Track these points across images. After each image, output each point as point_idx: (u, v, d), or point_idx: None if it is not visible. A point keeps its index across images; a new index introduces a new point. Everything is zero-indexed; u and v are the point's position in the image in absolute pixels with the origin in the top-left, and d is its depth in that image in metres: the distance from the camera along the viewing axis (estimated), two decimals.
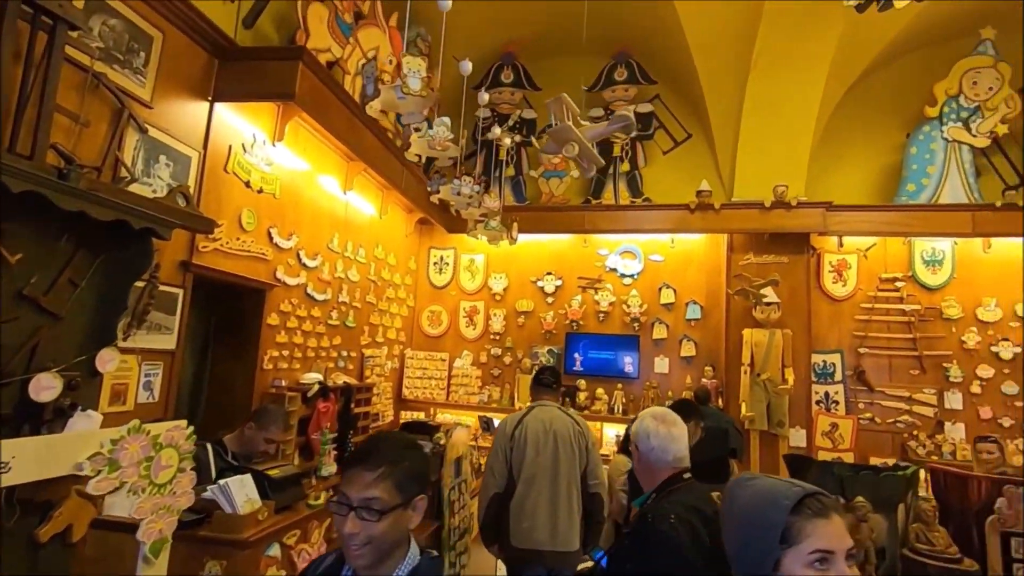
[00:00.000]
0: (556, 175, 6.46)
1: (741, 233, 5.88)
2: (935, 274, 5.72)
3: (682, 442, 1.64)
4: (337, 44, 3.97)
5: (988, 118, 5.46)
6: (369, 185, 5.30)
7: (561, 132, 3.13)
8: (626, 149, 6.33)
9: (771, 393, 5.45)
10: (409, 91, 1.92)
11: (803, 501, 0.91)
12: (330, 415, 4.33)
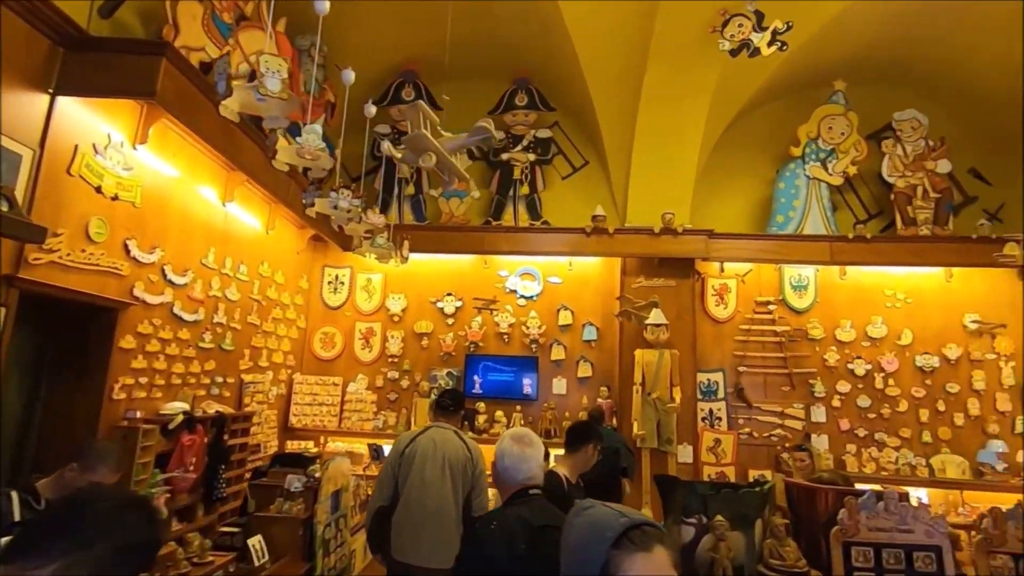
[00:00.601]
0: (456, 195, 6.41)
1: (633, 257, 6.13)
2: (801, 298, 6.27)
3: (533, 462, 1.69)
4: (214, 44, 3.68)
5: (841, 159, 6.14)
6: (253, 197, 4.95)
7: (417, 141, 3.03)
8: (526, 172, 6.43)
9: (660, 411, 5.65)
10: (267, 93, 1.77)
11: (626, 534, 0.87)
12: (196, 449, 3.89)
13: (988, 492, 5.45)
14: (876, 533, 1.64)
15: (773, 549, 1.69)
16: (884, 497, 1.70)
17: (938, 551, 1.65)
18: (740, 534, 1.68)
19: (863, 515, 1.64)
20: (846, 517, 1.64)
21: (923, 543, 1.65)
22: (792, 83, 6.31)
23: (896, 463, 5.73)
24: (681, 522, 1.74)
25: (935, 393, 5.90)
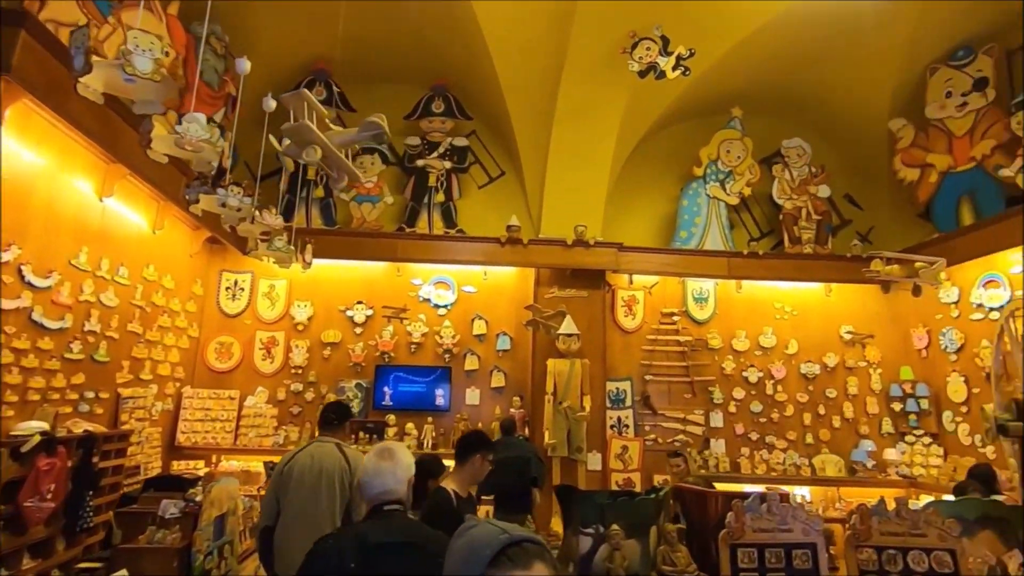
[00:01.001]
0: (369, 200, 6.21)
1: (547, 268, 6.21)
2: (702, 310, 6.63)
3: (389, 477, 1.63)
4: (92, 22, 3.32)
5: (738, 181, 6.59)
6: (138, 193, 4.52)
7: (299, 132, 2.81)
8: (442, 180, 6.35)
9: (571, 420, 5.73)
10: (136, 73, 1.58)
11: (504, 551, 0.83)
12: (56, 474, 3.43)
13: (860, 488, 5.99)
14: (760, 534, 1.71)
15: (665, 555, 1.72)
16: (767, 499, 1.78)
17: (813, 548, 1.75)
18: (635, 542, 1.70)
19: (748, 517, 1.71)
20: (733, 520, 1.70)
21: (800, 541, 1.74)
22: (696, 107, 6.71)
23: (783, 464, 6.16)
24: (579, 532, 1.73)
25: (816, 398, 6.43)
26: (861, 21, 5.39)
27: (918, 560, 1.78)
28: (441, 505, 2.33)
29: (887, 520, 1.79)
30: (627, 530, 1.70)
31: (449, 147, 6.42)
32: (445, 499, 2.38)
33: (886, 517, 1.80)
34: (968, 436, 5.65)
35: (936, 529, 1.81)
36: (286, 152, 2.81)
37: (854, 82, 6.24)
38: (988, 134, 5.45)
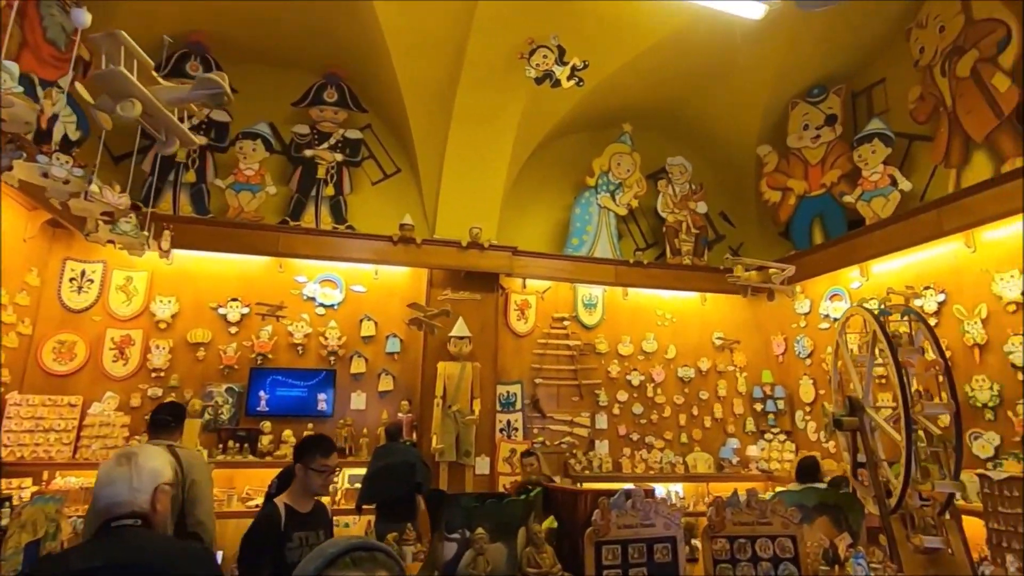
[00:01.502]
0: (248, 188, 5.74)
1: (441, 269, 6.10)
2: (591, 315, 6.85)
3: (121, 485, 1.38)
4: None
5: (626, 193, 6.91)
6: None
7: (112, 80, 2.30)
8: (332, 172, 6.03)
9: (460, 424, 5.65)
10: None
11: (351, 554, 0.77)
12: None
13: (727, 483, 6.46)
14: (624, 530, 1.74)
15: (531, 556, 1.70)
16: (632, 495, 1.82)
17: (674, 541, 1.81)
18: (502, 545, 1.66)
19: (614, 514, 1.74)
20: (599, 517, 1.72)
21: (662, 535, 1.79)
22: (590, 119, 6.95)
23: (660, 462, 6.51)
24: (444, 538, 1.66)
25: (691, 400, 6.87)
26: (737, 54, 5.87)
27: (764, 547, 1.90)
28: (259, 523, 2.12)
29: (739, 511, 1.91)
30: (495, 533, 1.65)
31: (341, 139, 6.12)
32: (265, 516, 2.16)
33: (738, 508, 1.91)
34: (815, 433, 6.32)
35: (780, 517, 1.95)
36: (99, 106, 2.34)
37: (730, 108, 6.80)
38: (835, 164, 6.16)
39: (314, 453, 2.29)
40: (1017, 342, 4.43)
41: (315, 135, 6.06)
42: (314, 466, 2.26)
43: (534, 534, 1.73)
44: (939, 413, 2.49)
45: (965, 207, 4.66)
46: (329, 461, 2.30)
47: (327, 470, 2.29)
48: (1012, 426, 4.42)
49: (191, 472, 2.81)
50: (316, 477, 2.27)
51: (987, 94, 4.60)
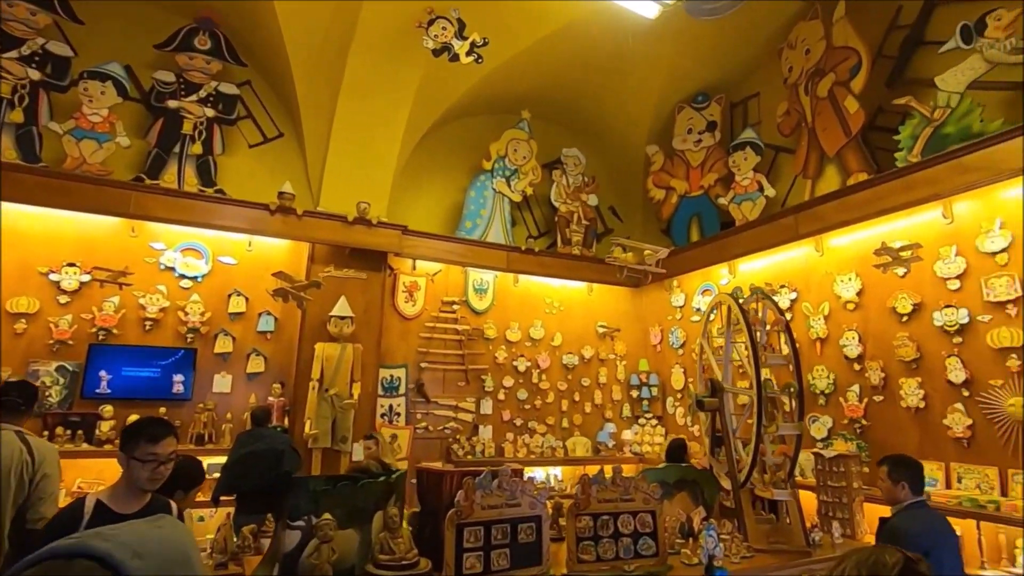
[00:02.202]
0: (93, 137, 4.97)
1: (324, 244, 5.72)
2: (481, 300, 6.80)
3: None
4: None
5: (522, 180, 6.92)
6: None
7: None
8: (200, 128, 5.40)
9: (337, 408, 5.35)
10: None
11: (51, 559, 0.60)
12: None
13: (602, 464, 6.75)
14: (488, 511, 1.67)
15: (384, 542, 1.57)
16: (499, 475, 1.75)
17: (538, 520, 1.78)
18: (354, 531, 1.52)
19: (479, 494, 1.66)
20: (463, 498, 1.63)
21: (527, 515, 1.75)
22: (490, 102, 6.86)
23: (541, 447, 6.64)
24: (287, 526, 1.48)
25: (573, 386, 7.08)
26: (631, 54, 6.07)
27: (626, 523, 1.93)
28: (52, 523, 1.80)
29: (604, 488, 1.92)
30: (347, 519, 1.51)
31: (214, 92, 5.50)
32: (61, 515, 1.84)
33: (604, 485, 1.93)
34: (682, 417, 6.78)
35: (643, 493, 1.99)
36: None
37: (623, 106, 7.04)
38: (713, 168, 6.60)
39: (138, 439, 1.92)
40: (851, 337, 5.01)
41: (181, 85, 5.39)
42: (138, 455, 1.89)
43: (390, 518, 1.61)
44: (780, 364, 2.73)
45: (817, 214, 5.17)
46: (158, 449, 1.92)
47: (155, 460, 1.91)
48: (843, 410, 5.01)
49: (43, 465, 2.47)
50: (142, 469, 1.90)
51: (840, 114, 5.13)
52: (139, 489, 1.94)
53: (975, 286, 4.24)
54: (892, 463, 3.01)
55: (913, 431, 4.53)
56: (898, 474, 2.93)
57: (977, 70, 4.20)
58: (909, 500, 2.90)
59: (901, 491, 2.90)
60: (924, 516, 2.87)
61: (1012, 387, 3.97)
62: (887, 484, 2.95)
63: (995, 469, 4.00)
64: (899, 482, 2.92)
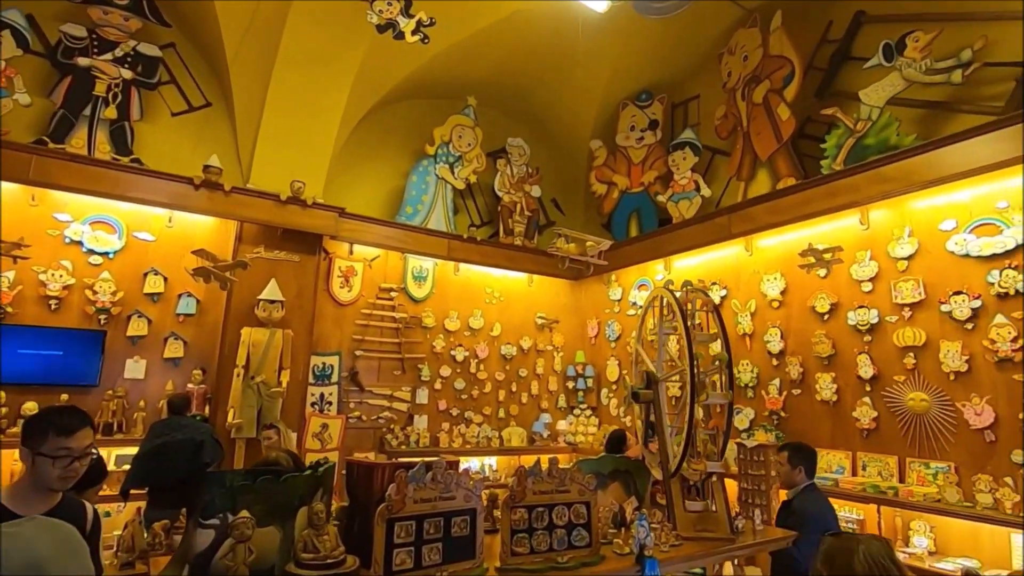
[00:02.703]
0: None
1: (253, 223, 5.40)
2: (420, 288, 6.66)
3: None
4: None
5: (466, 167, 6.82)
6: None
7: None
8: (115, 91, 4.94)
9: (264, 396, 5.10)
10: None
11: None
12: None
13: (537, 455, 6.81)
14: (421, 504, 1.61)
15: (308, 540, 1.48)
16: (433, 467, 1.70)
17: (472, 514, 1.73)
18: (275, 529, 1.42)
19: (411, 488, 1.60)
20: (394, 492, 1.56)
21: (461, 508, 1.70)
22: (436, 86, 6.70)
23: (477, 437, 6.62)
24: (199, 524, 1.37)
25: (511, 376, 7.09)
26: (580, 47, 6.08)
27: (560, 514, 1.93)
28: None
29: (540, 480, 1.90)
30: (268, 515, 1.40)
31: (132, 53, 5.05)
32: None
33: (540, 477, 1.91)
34: (616, 408, 6.95)
35: (578, 484, 1.99)
36: None
37: (569, 99, 7.07)
38: (653, 166, 6.75)
39: (46, 431, 1.67)
40: (774, 333, 5.28)
41: (95, 41, 4.91)
42: (46, 450, 1.65)
43: (315, 514, 1.51)
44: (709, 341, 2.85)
45: (749, 215, 5.40)
46: (72, 443, 1.68)
47: (68, 455, 1.68)
48: (765, 403, 5.28)
49: None
50: (51, 466, 1.66)
51: (773, 121, 5.36)
52: (47, 489, 1.71)
53: (885, 288, 4.56)
54: (792, 450, 3.30)
55: (826, 422, 4.84)
56: (797, 459, 3.22)
57: (896, 87, 4.49)
58: (804, 483, 3.19)
59: (798, 475, 3.19)
60: (819, 498, 3.18)
61: (913, 383, 4.31)
62: (786, 468, 3.24)
63: (895, 458, 4.35)
64: (797, 467, 3.20)
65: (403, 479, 1.58)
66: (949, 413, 4.10)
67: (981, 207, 4.13)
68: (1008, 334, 3.85)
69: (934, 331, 4.25)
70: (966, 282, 4.11)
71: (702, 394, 2.50)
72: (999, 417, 3.86)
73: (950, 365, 4.10)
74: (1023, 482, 3.66)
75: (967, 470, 3.95)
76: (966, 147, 3.98)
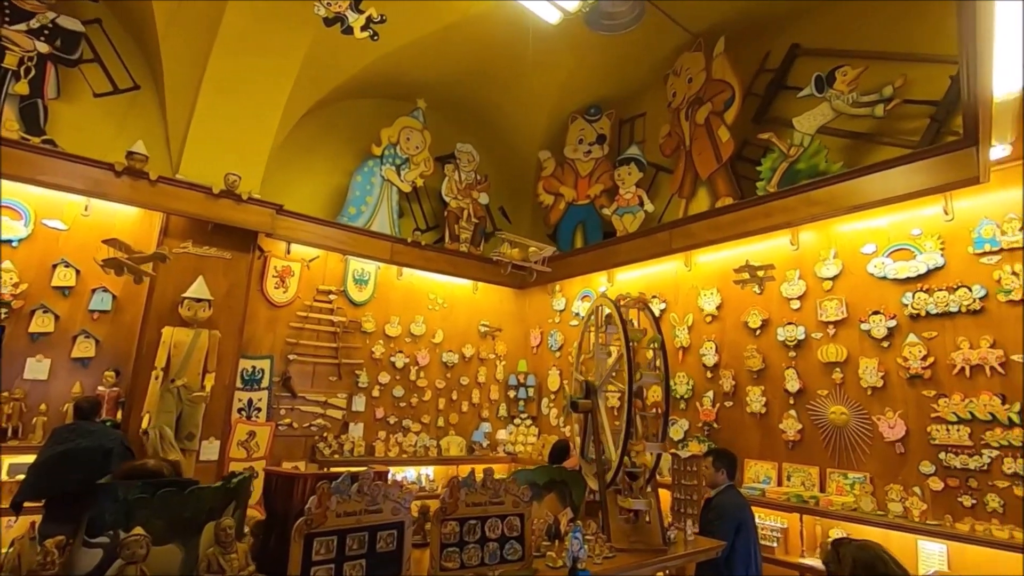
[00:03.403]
0: None
1: (181, 216, 5.07)
2: (361, 292, 6.46)
3: None
4: None
5: (413, 170, 6.69)
6: None
7: None
8: (28, 64, 4.54)
9: (185, 401, 4.77)
10: None
11: None
12: None
13: (476, 464, 6.69)
14: (344, 519, 1.51)
15: (213, 559, 1.35)
16: (360, 478, 1.60)
17: (400, 527, 1.65)
18: (176, 547, 1.28)
19: (334, 500, 1.49)
20: (315, 505, 1.46)
21: (388, 521, 1.61)
22: (385, 86, 6.56)
23: (415, 446, 6.45)
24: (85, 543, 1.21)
25: (452, 385, 6.97)
26: (530, 57, 6.12)
27: (493, 527, 1.87)
28: None
29: (474, 491, 1.84)
30: (168, 533, 1.27)
31: (50, 25, 4.65)
32: None
33: (473, 488, 1.84)
34: (556, 418, 6.96)
35: (512, 496, 1.94)
36: None
37: (520, 108, 7.09)
38: (600, 179, 6.86)
39: None
40: (709, 347, 5.44)
41: (6, 9, 4.49)
42: None
43: (222, 531, 1.38)
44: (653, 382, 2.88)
45: (689, 232, 5.56)
46: None
47: None
48: (699, 414, 5.42)
49: None
50: None
51: (713, 142, 5.56)
52: None
53: (812, 307, 4.79)
54: (716, 454, 3.80)
55: (755, 434, 5.02)
56: (720, 463, 3.70)
57: (826, 116, 4.76)
58: (725, 483, 3.66)
59: (720, 476, 3.67)
60: (737, 495, 3.67)
61: (835, 397, 4.53)
62: (711, 471, 3.72)
63: (817, 468, 4.55)
64: (720, 469, 3.68)
65: (325, 491, 1.47)
66: (866, 426, 4.33)
67: (898, 233, 4.43)
68: (919, 352, 4.12)
69: (854, 348, 4.50)
70: (883, 303, 4.38)
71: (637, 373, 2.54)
72: (909, 430, 4.12)
73: (868, 381, 4.34)
74: (930, 492, 3.91)
75: (881, 480, 4.18)
76: (885, 176, 4.25)
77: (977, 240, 3.99)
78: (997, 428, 3.73)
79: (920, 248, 4.25)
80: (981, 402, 3.80)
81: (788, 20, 5.46)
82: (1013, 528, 3.45)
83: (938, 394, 4.02)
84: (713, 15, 5.68)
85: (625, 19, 5.16)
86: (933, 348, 4.10)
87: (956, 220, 4.14)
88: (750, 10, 5.53)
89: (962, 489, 3.81)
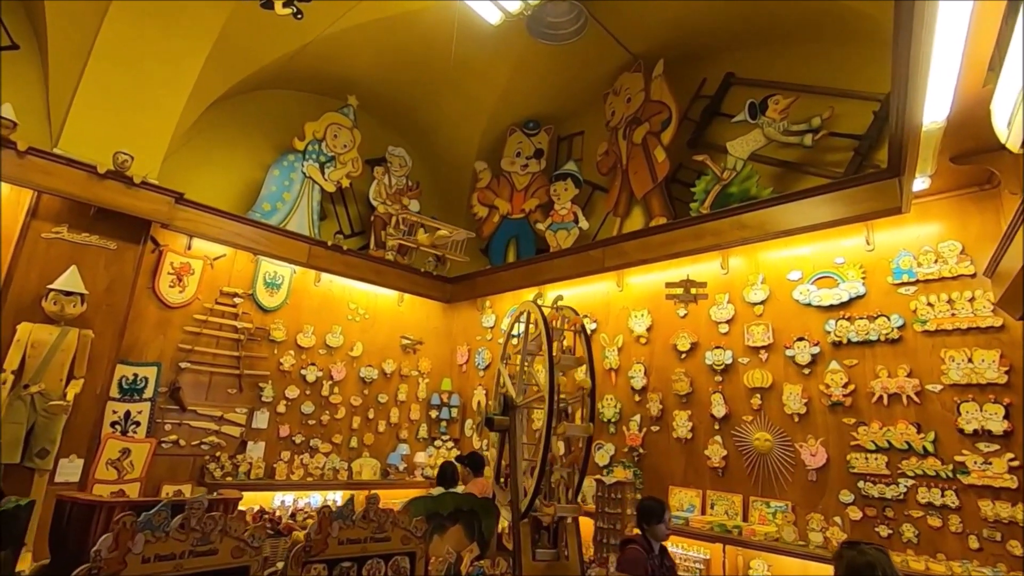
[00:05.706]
0: None
1: (56, 195, 4.39)
2: (273, 296, 5.89)
3: None
4: None
5: (339, 169, 6.26)
6: None
7: None
8: None
9: (40, 411, 4.04)
10: None
11: None
12: None
13: (391, 489, 6.18)
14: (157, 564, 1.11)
15: None
16: (188, 507, 1.20)
17: (244, 573, 1.26)
18: None
19: (139, 540, 1.10)
20: (109, 547, 1.05)
21: (225, 566, 1.22)
22: (313, 79, 6.14)
23: (323, 468, 5.87)
24: None
25: (369, 402, 6.47)
26: (470, 64, 5.91)
27: (375, 569, 1.51)
28: None
29: (350, 526, 1.47)
30: None
31: None
32: None
33: (350, 522, 1.48)
34: (480, 440, 6.59)
35: (401, 531, 1.59)
36: None
37: (457, 116, 6.84)
38: (536, 194, 6.69)
39: None
40: (638, 369, 5.30)
41: None
42: None
43: None
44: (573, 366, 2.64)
45: (622, 250, 5.45)
46: None
47: None
48: (625, 438, 5.23)
49: None
50: None
51: (649, 161, 5.52)
52: None
53: (739, 331, 4.75)
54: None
55: (680, 460, 4.87)
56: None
57: (758, 142, 4.80)
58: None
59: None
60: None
61: (759, 423, 4.47)
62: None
63: (740, 496, 4.44)
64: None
65: (127, 526, 1.07)
66: (789, 453, 4.27)
67: (822, 261, 4.47)
68: (840, 379, 4.12)
69: (779, 374, 4.47)
70: (807, 329, 4.38)
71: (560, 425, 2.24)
72: (830, 458, 4.08)
73: (791, 407, 4.30)
74: (849, 521, 3.86)
75: (802, 509, 4.11)
76: (811, 204, 4.29)
77: (896, 271, 4.07)
78: (912, 457, 3.74)
79: (843, 276, 4.30)
80: (898, 431, 3.82)
81: (724, 49, 5.55)
82: (928, 559, 3.43)
83: (858, 422, 4.01)
84: (653, 38, 5.70)
85: (567, 29, 5.05)
86: (854, 376, 4.11)
87: (876, 250, 4.22)
88: (688, 37, 5.59)
89: (879, 519, 3.78)
